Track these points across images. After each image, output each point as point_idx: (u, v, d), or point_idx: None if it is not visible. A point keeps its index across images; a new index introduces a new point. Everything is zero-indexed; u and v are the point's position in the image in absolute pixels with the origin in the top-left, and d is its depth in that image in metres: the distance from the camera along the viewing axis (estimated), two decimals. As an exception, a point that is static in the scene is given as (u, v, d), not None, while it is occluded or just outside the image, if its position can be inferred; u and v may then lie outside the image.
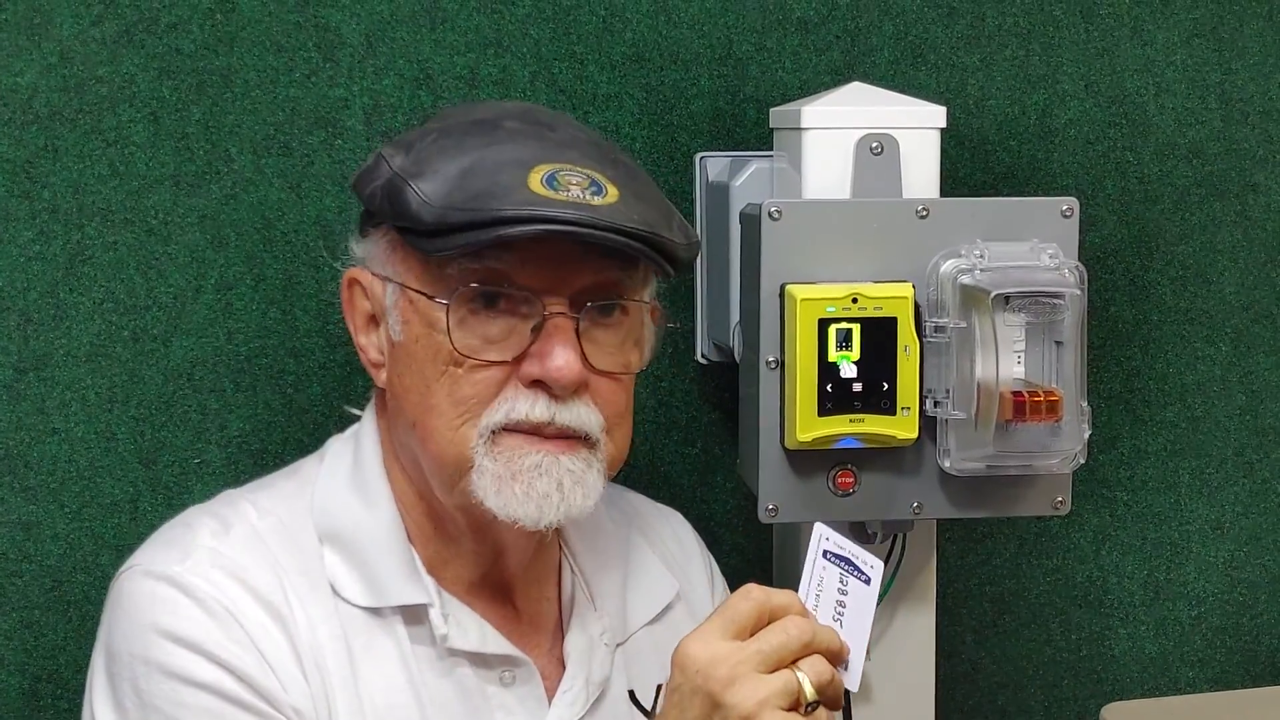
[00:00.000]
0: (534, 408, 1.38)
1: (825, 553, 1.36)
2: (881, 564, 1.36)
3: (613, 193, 1.38)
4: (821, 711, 1.28)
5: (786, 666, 1.27)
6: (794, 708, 1.26)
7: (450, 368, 1.38)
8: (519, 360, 1.38)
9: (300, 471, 1.50)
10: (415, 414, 1.41)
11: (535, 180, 1.36)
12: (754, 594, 1.30)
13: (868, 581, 1.35)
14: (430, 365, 1.39)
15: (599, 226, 1.35)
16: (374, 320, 1.46)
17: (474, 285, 1.38)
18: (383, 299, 1.44)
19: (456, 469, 1.39)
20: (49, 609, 1.74)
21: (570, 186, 1.36)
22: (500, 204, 1.34)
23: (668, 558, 1.62)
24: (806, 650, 1.28)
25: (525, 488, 1.38)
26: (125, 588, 1.40)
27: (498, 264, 1.37)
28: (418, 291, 1.40)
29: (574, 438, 1.39)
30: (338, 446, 1.51)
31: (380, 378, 1.46)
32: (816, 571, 1.35)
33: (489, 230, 1.34)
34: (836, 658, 1.30)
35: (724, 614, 1.30)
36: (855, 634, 1.33)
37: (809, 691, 1.27)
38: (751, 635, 1.29)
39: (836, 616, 1.34)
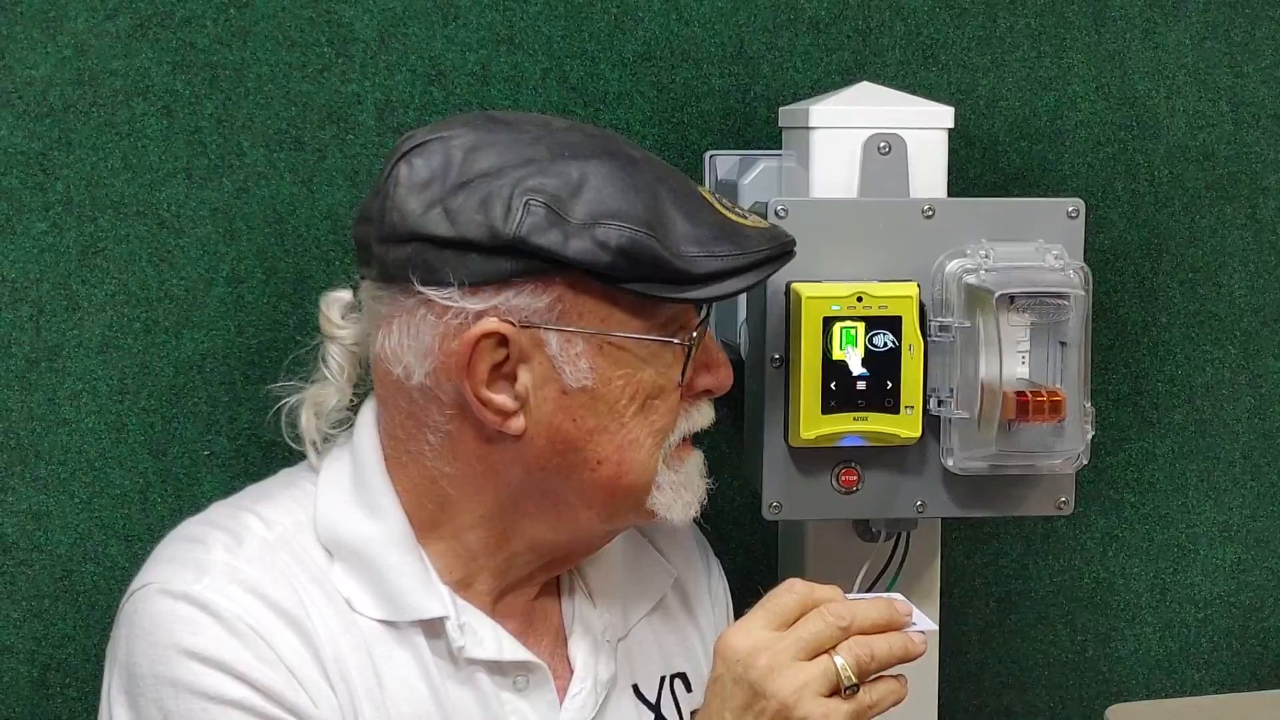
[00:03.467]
0: (709, 416, 1.46)
1: None
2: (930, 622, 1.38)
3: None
4: (865, 694, 1.30)
5: (826, 652, 1.29)
6: (834, 692, 1.29)
7: (649, 400, 1.40)
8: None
9: (297, 483, 1.47)
10: (605, 453, 1.40)
11: (721, 210, 1.42)
12: (797, 587, 1.33)
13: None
14: (628, 403, 1.40)
15: (794, 248, 1.46)
16: (498, 370, 1.38)
17: (701, 320, 1.43)
18: (537, 350, 1.37)
19: (644, 493, 1.43)
20: (58, 598, 1.75)
21: (735, 209, 1.44)
22: (746, 242, 1.40)
23: (660, 544, 1.62)
24: (845, 635, 1.30)
25: (695, 492, 1.46)
26: (142, 608, 1.36)
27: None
28: (637, 338, 1.39)
29: None
30: (331, 459, 1.47)
31: (511, 426, 1.38)
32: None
33: (757, 271, 1.41)
34: (887, 626, 1.32)
35: (766, 606, 1.32)
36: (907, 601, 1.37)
37: (848, 675, 1.29)
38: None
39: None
